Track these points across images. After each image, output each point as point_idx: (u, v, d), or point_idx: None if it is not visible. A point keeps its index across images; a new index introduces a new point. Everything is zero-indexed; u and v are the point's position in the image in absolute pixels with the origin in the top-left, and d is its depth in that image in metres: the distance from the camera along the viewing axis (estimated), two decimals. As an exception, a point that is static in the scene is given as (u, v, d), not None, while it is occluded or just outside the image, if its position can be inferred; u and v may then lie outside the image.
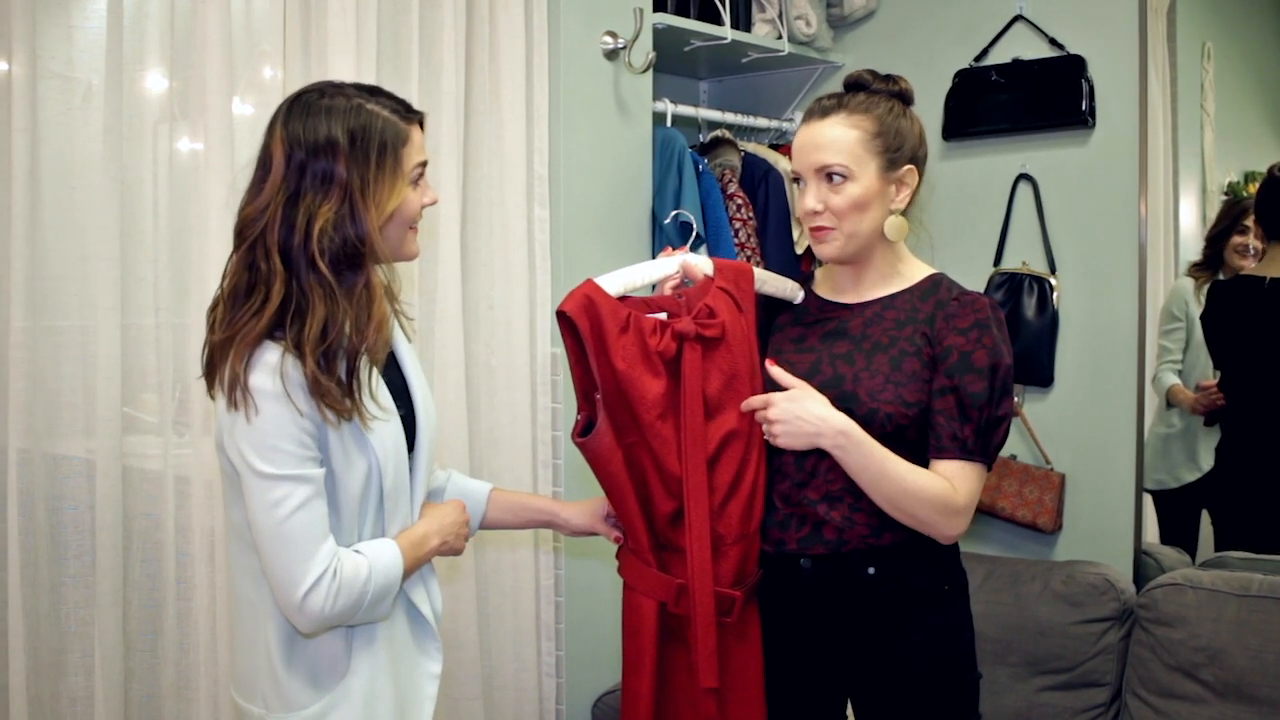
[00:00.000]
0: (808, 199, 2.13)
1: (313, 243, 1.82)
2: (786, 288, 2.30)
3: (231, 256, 1.90)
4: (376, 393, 1.92)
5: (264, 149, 1.90)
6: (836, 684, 2.22)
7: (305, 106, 1.88)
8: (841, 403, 2.06)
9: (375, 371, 1.93)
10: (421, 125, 1.98)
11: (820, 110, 2.16)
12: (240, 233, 1.89)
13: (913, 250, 2.27)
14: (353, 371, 1.87)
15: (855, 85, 2.19)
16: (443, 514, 2.08)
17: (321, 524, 1.82)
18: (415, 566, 1.98)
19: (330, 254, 1.84)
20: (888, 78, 2.20)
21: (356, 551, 1.87)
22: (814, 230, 2.16)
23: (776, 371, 2.11)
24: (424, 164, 1.97)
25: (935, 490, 2.04)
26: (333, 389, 1.83)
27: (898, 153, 2.14)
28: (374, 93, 1.94)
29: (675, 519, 2.10)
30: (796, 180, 2.19)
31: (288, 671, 1.90)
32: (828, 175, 2.11)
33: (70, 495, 2.44)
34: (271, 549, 1.81)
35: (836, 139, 2.11)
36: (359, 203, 1.85)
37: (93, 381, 2.43)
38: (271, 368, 1.80)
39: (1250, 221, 3.34)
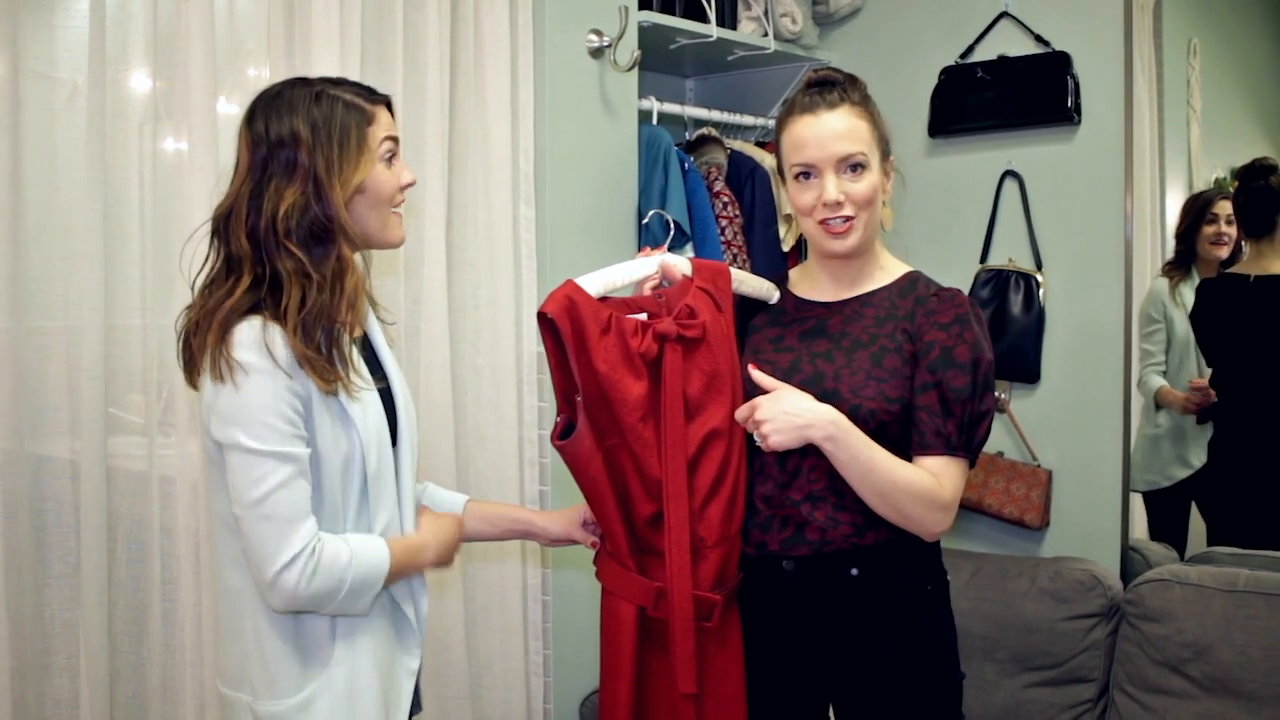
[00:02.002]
0: (829, 190, 2.09)
1: (279, 224, 1.85)
2: (763, 288, 2.30)
3: (209, 255, 1.93)
4: (356, 365, 1.94)
5: (237, 153, 1.94)
6: (818, 686, 2.21)
7: (268, 103, 1.92)
8: (824, 401, 2.06)
9: (353, 347, 1.95)
10: (389, 107, 2.00)
11: (826, 102, 2.13)
12: (214, 230, 1.93)
13: (887, 245, 2.28)
14: (333, 342, 1.89)
15: (829, 83, 2.17)
16: (443, 528, 2.10)
17: (303, 503, 1.83)
18: (403, 572, 1.98)
19: (298, 234, 1.87)
20: (852, 78, 2.19)
21: (343, 541, 1.88)
22: (831, 222, 2.12)
23: (758, 375, 2.11)
24: (394, 139, 1.99)
25: (923, 484, 2.04)
26: (317, 358, 1.85)
27: (887, 145, 2.18)
28: (338, 82, 1.97)
29: (655, 521, 2.09)
30: (805, 174, 2.14)
31: (275, 658, 1.91)
32: (851, 165, 2.10)
33: (55, 496, 2.43)
34: (251, 525, 1.82)
35: (855, 128, 2.11)
36: (324, 182, 1.88)
37: (77, 382, 2.42)
38: (256, 342, 1.82)
39: (1217, 209, 3.35)
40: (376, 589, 1.92)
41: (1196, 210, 3.39)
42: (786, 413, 2.02)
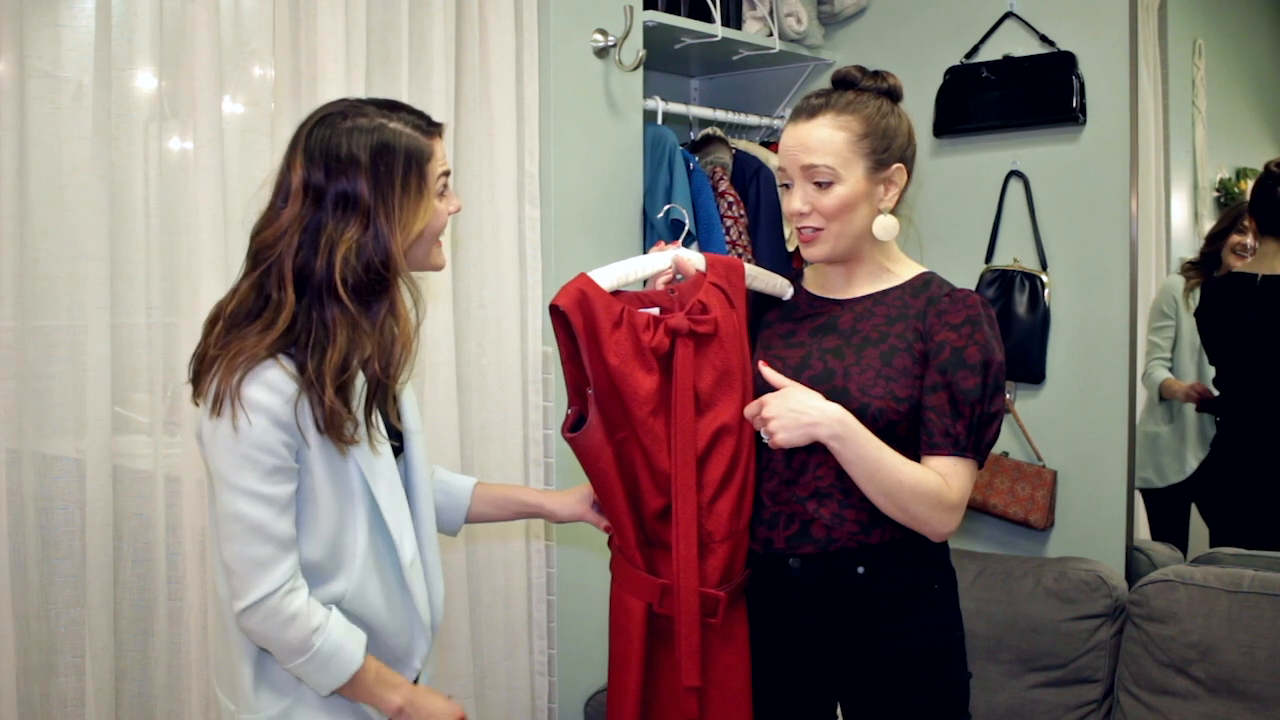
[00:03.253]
0: (794, 201, 2.13)
1: (335, 271, 1.80)
2: (776, 283, 2.30)
3: (244, 276, 1.89)
4: (388, 417, 1.93)
5: (283, 171, 1.88)
6: (826, 685, 2.21)
7: (326, 127, 1.86)
8: (832, 398, 2.06)
9: (390, 398, 1.93)
10: (441, 135, 1.96)
11: (808, 110, 2.14)
12: (256, 255, 1.86)
13: (901, 248, 2.27)
14: (371, 399, 1.87)
15: (844, 82, 2.18)
16: (430, 699, 1.99)
17: (279, 544, 1.82)
18: (364, 690, 1.91)
19: (353, 282, 1.82)
20: (876, 74, 2.18)
21: (325, 608, 1.87)
22: (801, 231, 2.15)
23: (768, 372, 2.11)
24: (447, 173, 1.96)
25: (929, 485, 2.03)
26: (345, 422, 1.82)
27: (885, 153, 2.13)
28: (394, 109, 1.92)
29: (663, 515, 2.10)
30: (784, 183, 2.17)
31: (254, 673, 1.91)
32: (814, 180, 2.10)
33: (60, 495, 2.43)
34: (228, 558, 1.83)
35: (824, 141, 2.10)
36: (383, 226, 1.83)
37: (82, 381, 2.42)
38: (275, 387, 1.79)
39: (1249, 221, 3.35)
40: (341, 673, 1.87)
41: (1233, 216, 3.38)
42: (793, 410, 2.01)
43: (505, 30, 3.07)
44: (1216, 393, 3.35)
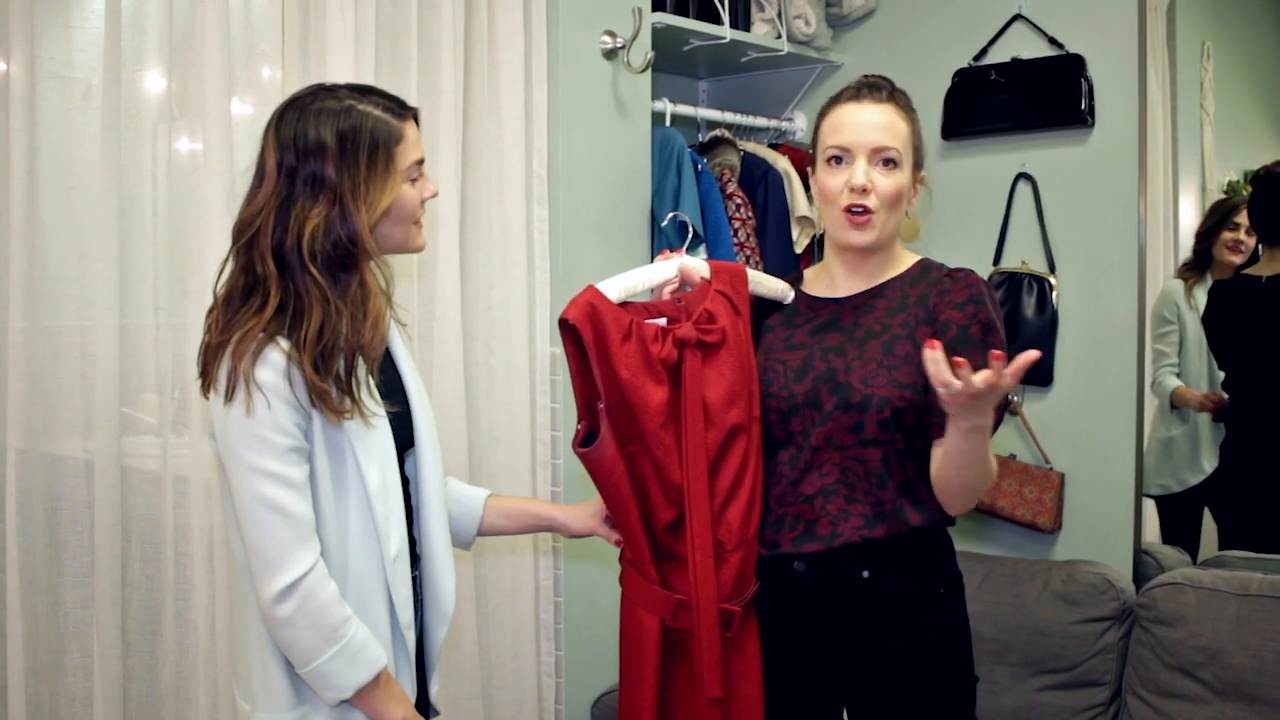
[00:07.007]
0: (857, 174, 2.10)
1: (304, 246, 1.85)
2: (778, 288, 2.30)
3: (228, 259, 1.93)
4: (371, 391, 1.94)
5: (260, 155, 1.92)
6: (832, 688, 2.21)
7: (296, 111, 1.91)
8: (836, 393, 2.08)
9: (368, 371, 1.94)
10: (416, 121, 1.99)
11: (874, 96, 2.16)
12: (237, 236, 1.91)
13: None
14: (351, 370, 1.88)
15: (881, 84, 2.20)
16: None
17: (303, 525, 1.83)
18: (372, 697, 1.91)
19: (322, 256, 1.86)
20: (903, 92, 2.22)
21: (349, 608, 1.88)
22: (852, 211, 2.11)
23: (932, 358, 1.84)
24: (420, 161, 1.98)
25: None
26: (330, 391, 1.84)
27: (921, 156, 2.19)
28: (366, 92, 1.95)
29: (674, 527, 2.09)
30: (836, 159, 2.14)
31: (274, 671, 1.91)
32: (883, 159, 2.11)
33: (69, 495, 2.44)
34: (254, 542, 1.83)
35: (896, 124, 2.13)
36: (349, 204, 1.87)
37: (91, 381, 2.43)
38: (278, 366, 1.82)
39: (1240, 218, 3.34)
40: (369, 668, 1.88)
41: (1222, 213, 3.38)
42: (987, 404, 1.88)
43: (514, 32, 3.07)
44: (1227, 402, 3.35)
